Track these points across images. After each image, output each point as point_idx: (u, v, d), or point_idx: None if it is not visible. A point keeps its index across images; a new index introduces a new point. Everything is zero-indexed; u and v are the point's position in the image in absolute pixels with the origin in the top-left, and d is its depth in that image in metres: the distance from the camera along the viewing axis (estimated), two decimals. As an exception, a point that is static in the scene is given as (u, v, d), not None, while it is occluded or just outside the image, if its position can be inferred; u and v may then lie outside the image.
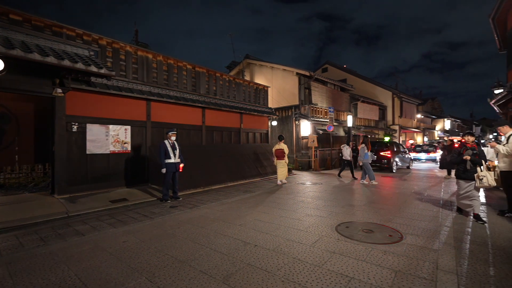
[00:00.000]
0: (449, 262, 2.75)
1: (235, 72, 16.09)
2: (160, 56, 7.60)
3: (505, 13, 9.20)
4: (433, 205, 5.33)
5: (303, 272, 2.56)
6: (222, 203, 5.61)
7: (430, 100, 34.77)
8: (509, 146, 4.18)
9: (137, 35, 15.69)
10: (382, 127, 21.54)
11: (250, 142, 10.86)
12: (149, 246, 3.27)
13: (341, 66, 24.82)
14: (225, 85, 9.86)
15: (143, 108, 7.04)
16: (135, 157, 6.84)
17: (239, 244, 3.30)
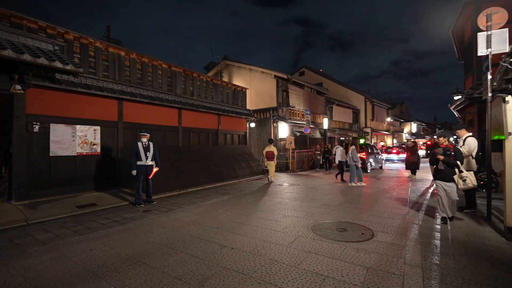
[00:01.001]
0: (415, 257, 2.91)
1: (213, 73, 15.91)
2: (134, 54, 7.30)
3: (463, 27, 10.08)
4: (401, 203, 5.65)
5: (280, 273, 2.57)
6: (199, 206, 5.48)
7: (399, 105, 37.00)
8: (466, 148, 4.55)
9: (109, 31, 14.92)
10: (356, 129, 22.50)
11: (228, 143, 10.78)
12: (119, 253, 3.09)
13: (317, 70, 25.58)
14: (203, 86, 9.71)
15: (115, 107, 6.70)
16: (105, 160, 6.47)
17: (215, 247, 3.24)
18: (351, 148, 8.17)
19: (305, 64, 25.53)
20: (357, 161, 8.09)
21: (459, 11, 9.14)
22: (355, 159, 8.04)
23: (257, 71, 14.26)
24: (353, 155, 8.05)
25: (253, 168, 10.56)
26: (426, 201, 5.83)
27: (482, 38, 4.28)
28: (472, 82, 9.27)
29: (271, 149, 9.03)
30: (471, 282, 2.38)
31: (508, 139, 3.52)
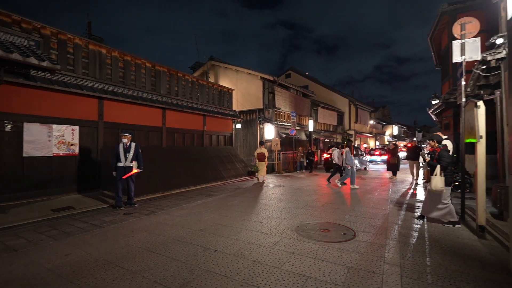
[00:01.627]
0: (394, 256, 3.00)
1: (199, 73, 15.74)
2: (116, 52, 7.08)
3: (440, 34, 10.58)
4: (382, 203, 5.81)
5: (262, 275, 2.56)
6: (182, 208, 5.38)
7: (381, 108, 38.25)
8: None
9: (90, 28, 14.38)
10: (340, 131, 23.00)
11: (214, 145, 10.68)
12: (97, 258, 2.97)
13: (303, 73, 25.95)
14: (188, 86, 9.57)
15: (95, 106, 6.46)
16: (84, 161, 6.22)
17: (198, 250, 3.19)
18: (345, 150, 8.16)
19: (291, 66, 25.84)
20: (349, 163, 8.04)
21: (437, 19, 9.60)
22: (347, 161, 8.02)
23: (244, 72, 14.26)
24: (347, 157, 8.04)
25: (239, 170, 10.52)
26: (405, 201, 6.04)
27: (457, 46, 4.51)
28: (448, 87, 9.74)
29: (262, 151, 9.46)
30: (445, 279, 2.48)
31: (479, 142, 3.72)
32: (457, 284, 2.39)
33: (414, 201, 6.13)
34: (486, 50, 4.34)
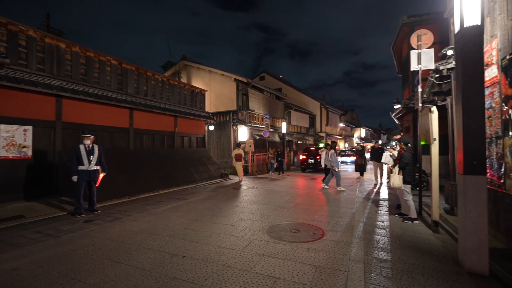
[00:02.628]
0: (358, 253, 3.14)
1: (170, 72, 15.24)
2: (77, 47, 6.58)
3: (401, 44, 11.42)
4: (350, 203, 6.08)
5: (232, 279, 2.52)
6: (150, 213, 5.13)
7: (350, 112, 40.24)
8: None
9: (48, 20, 13.22)
10: (312, 134, 23.73)
11: (186, 146, 10.39)
12: (50, 271, 2.70)
13: (277, 76, 26.39)
14: (158, 86, 9.21)
15: (52, 105, 5.93)
16: (38, 164, 5.67)
17: (165, 257, 3.05)
18: (331, 152, 8.18)
19: (265, 69, 26.14)
20: (335, 165, 8.08)
21: (398, 30, 10.35)
22: (332, 163, 8.05)
23: (217, 74, 14.10)
24: (332, 159, 8.07)
25: (212, 172, 10.35)
26: (370, 200, 6.37)
27: (414, 55, 4.88)
28: (408, 93, 10.52)
29: (240, 152, 10.28)
30: (404, 272, 2.65)
31: (433, 144, 4.04)
32: (414, 276, 2.56)
33: (378, 199, 6.49)
34: (439, 60, 4.76)
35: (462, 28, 2.74)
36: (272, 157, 13.45)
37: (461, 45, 2.77)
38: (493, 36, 3.54)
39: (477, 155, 2.66)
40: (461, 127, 2.75)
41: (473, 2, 2.69)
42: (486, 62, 3.62)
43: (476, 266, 2.59)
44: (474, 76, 2.69)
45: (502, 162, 3.31)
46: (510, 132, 3.12)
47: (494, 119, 3.51)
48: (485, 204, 2.61)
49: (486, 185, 2.63)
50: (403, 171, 4.62)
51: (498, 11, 3.41)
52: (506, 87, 3.19)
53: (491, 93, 3.58)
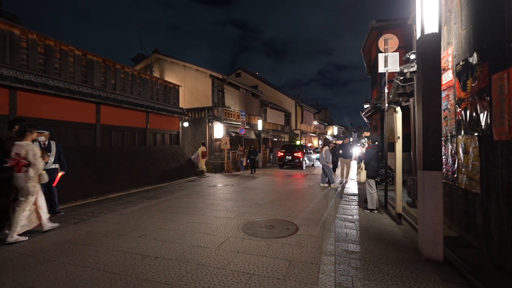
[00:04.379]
0: (329, 246, 3.28)
1: (141, 66, 14.54)
2: (34, 34, 5.99)
3: (370, 46, 12.02)
4: (323, 198, 6.31)
5: (206, 277, 2.50)
6: (120, 213, 4.89)
7: (324, 110, 41.62)
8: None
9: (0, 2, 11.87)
10: (287, 131, 24.18)
11: (159, 144, 10.02)
12: (4, 281, 2.46)
13: (253, 73, 26.41)
14: (128, 80, 8.74)
15: (5, 98, 5.36)
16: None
17: (136, 258, 2.93)
18: (324, 149, 8.18)
19: (241, 66, 26.04)
20: (329, 162, 8.11)
21: (368, 33, 10.87)
22: (327, 160, 8.07)
23: (192, 69, 13.75)
24: (326, 156, 8.09)
25: (186, 169, 10.12)
26: (341, 196, 6.68)
27: (381, 58, 5.17)
28: (376, 93, 11.14)
29: (204, 149, 11.42)
30: (370, 262, 2.82)
31: (397, 142, 4.33)
32: (379, 265, 2.74)
33: (348, 194, 6.83)
34: (404, 64, 5.09)
35: (422, 34, 2.95)
36: (242, 154, 12.60)
37: (422, 51, 2.99)
38: (449, 43, 3.87)
39: (434, 152, 2.90)
40: (421, 126, 2.98)
41: (432, 11, 2.91)
42: (443, 67, 3.95)
43: (433, 253, 2.85)
44: (432, 80, 2.93)
45: (455, 158, 3.65)
46: (462, 131, 3.45)
47: (449, 119, 3.85)
48: (441, 197, 2.86)
49: (442, 180, 2.89)
50: (367, 166, 5.00)
51: (454, 20, 3.73)
52: (459, 90, 3.51)
53: (447, 95, 3.92)
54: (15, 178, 3.55)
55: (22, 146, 3.55)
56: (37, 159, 3.62)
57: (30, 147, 3.61)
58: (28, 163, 3.55)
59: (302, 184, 8.71)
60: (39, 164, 3.63)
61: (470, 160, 3.24)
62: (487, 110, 2.84)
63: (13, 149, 3.54)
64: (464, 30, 3.39)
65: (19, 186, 3.56)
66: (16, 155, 3.51)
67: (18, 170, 3.52)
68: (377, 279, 2.47)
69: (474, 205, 3.19)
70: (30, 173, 3.56)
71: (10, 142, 3.71)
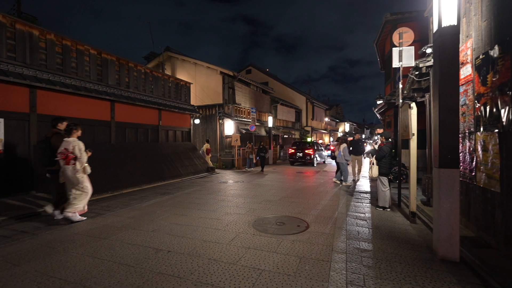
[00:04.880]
0: (341, 244, 3.26)
1: (154, 64, 14.79)
2: (52, 35, 6.20)
3: (384, 40, 11.69)
4: (334, 195, 6.25)
5: (217, 272, 2.54)
6: (134, 208, 5.04)
7: (335, 106, 40.96)
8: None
9: (19, 4, 12.35)
10: (298, 128, 24.01)
11: (171, 140, 10.19)
12: (27, 270, 2.60)
13: (264, 69, 26.29)
14: (141, 78, 8.91)
15: (25, 96, 5.60)
16: (12, 159, 5.36)
17: (150, 252, 3.02)
18: (342, 146, 7.94)
19: (251, 62, 25.95)
20: (349, 159, 7.92)
21: (381, 27, 10.57)
22: (346, 157, 7.85)
23: (203, 66, 13.84)
24: (345, 153, 7.85)
25: (198, 166, 10.26)
26: (353, 193, 6.59)
27: (396, 53, 5.02)
28: (390, 89, 10.85)
29: (208, 146, 11.51)
30: (383, 261, 2.78)
31: (412, 139, 4.22)
32: (392, 264, 2.70)
33: (360, 192, 6.73)
34: (419, 58, 4.93)
35: (440, 27, 2.85)
36: (250, 151, 12.41)
37: (439, 44, 2.88)
38: (468, 36, 3.70)
39: (451, 149, 2.81)
40: (438, 123, 2.89)
41: (450, 3, 2.80)
42: (461, 61, 3.80)
43: (448, 253, 2.77)
44: (450, 74, 2.82)
45: (474, 156, 3.52)
46: (481, 128, 3.31)
47: (467, 115, 3.71)
48: (458, 195, 2.77)
49: (459, 178, 2.80)
50: (380, 163, 4.92)
51: (473, 12, 3.56)
52: (479, 85, 3.37)
53: (465, 90, 3.77)
54: (64, 170, 4.05)
55: (69, 142, 4.05)
56: (82, 153, 4.14)
57: (76, 143, 4.11)
58: (75, 157, 4.05)
59: (313, 181, 8.65)
60: (84, 158, 4.15)
61: (489, 158, 3.12)
62: (508, 106, 2.72)
63: (62, 145, 4.04)
64: (485, 22, 3.24)
65: (67, 177, 4.06)
66: (65, 150, 4.00)
67: (66, 163, 4.02)
68: (389, 278, 2.43)
69: (493, 204, 3.07)
70: (77, 166, 4.08)
71: (55, 138, 4.19)
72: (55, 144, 4.12)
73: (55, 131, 4.34)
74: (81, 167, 4.13)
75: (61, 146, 4.04)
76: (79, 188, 4.14)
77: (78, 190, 4.14)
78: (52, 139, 4.20)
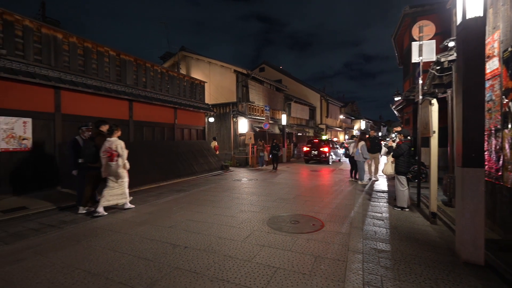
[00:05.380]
0: (357, 244, 3.20)
1: (169, 64, 15.09)
2: (74, 38, 6.48)
3: (403, 35, 11.27)
4: (350, 194, 6.15)
5: (233, 269, 2.58)
6: (152, 204, 5.19)
7: (350, 103, 40.07)
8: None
9: (44, 9, 12.98)
10: (312, 126, 23.71)
11: (186, 138, 10.39)
12: (54, 261, 2.75)
13: (277, 67, 26.12)
14: (157, 77, 9.13)
15: (50, 97, 5.90)
16: (39, 157, 5.68)
17: (167, 247, 3.11)
18: (361, 144, 7.71)
19: (265, 60, 25.86)
20: (368, 158, 7.75)
21: (400, 21, 10.19)
22: (365, 155, 7.66)
23: (217, 65, 13.97)
24: (363, 151, 7.65)
25: (212, 164, 10.39)
26: (369, 192, 6.44)
27: (415, 47, 4.84)
28: (409, 85, 10.46)
29: (215, 144, 11.77)
30: (401, 262, 2.71)
31: (432, 137, 4.06)
32: (411, 266, 2.63)
33: (377, 191, 6.56)
34: (440, 52, 4.72)
35: (464, 19, 2.71)
36: (261, 149, 12.11)
37: (463, 37, 2.74)
38: (496, 27, 3.50)
39: (476, 147, 2.68)
40: (461, 120, 2.76)
41: (477, -8, 2.65)
42: (487, 54, 3.60)
43: (472, 256, 2.66)
44: (475, 69, 2.68)
45: (500, 154, 3.33)
46: (509, 125, 3.13)
47: (494, 111, 3.52)
48: (483, 196, 2.65)
49: (484, 178, 2.67)
50: (398, 161, 4.76)
51: (502, 2, 3.36)
52: (507, 79, 3.18)
53: (491, 85, 3.57)
54: (108, 166, 4.48)
55: (112, 141, 4.50)
56: (124, 151, 4.59)
57: (118, 142, 4.56)
58: (118, 154, 4.51)
59: (327, 179, 8.54)
60: (125, 155, 4.61)
61: (518, 157, 2.94)
62: (540, 101, 2.55)
63: (105, 144, 4.48)
64: (515, 12, 3.05)
65: (112, 172, 4.52)
66: (108, 148, 4.44)
67: (111, 160, 4.46)
68: (408, 280, 2.37)
69: (522, 206, 2.90)
70: (120, 162, 4.55)
71: (99, 138, 4.65)
72: (99, 143, 4.56)
73: (98, 132, 4.81)
74: (122, 163, 4.58)
75: (104, 145, 4.47)
76: (119, 182, 4.60)
77: (117, 183, 4.59)
78: (96, 139, 4.65)
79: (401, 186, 4.71)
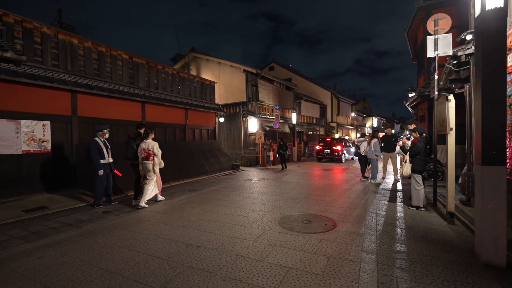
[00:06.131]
0: (371, 244, 3.14)
1: (180, 65, 15.30)
2: (89, 42, 6.69)
3: (416, 29, 10.93)
4: (363, 194, 6.03)
5: (245, 268, 2.59)
6: (164, 204, 5.29)
7: (362, 101, 39.26)
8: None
9: (60, 16, 13.43)
10: (323, 124, 23.43)
11: (197, 139, 10.52)
12: (73, 259, 2.86)
13: (287, 66, 25.97)
14: (168, 79, 9.28)
15: (67, 100, 6.11)
16: (57, 158, 5.91)
17: (180, 246, 3.16)
18: (373, 141, 7.54)
19: (274, 59, 25.78)
20: (379, 155, 7.63)
21: (413, 15, 9.89)
22: (377, 153, 7.51)
23: (226, 65, 14.04)
24: (376, 149, 7.49)
25: (223, 164, 10.47)
26: (383, 192, 6.30)
27: (430, 41, 4.68)
28: (423, 81, 10.15)
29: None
30: (418, 263, 2.63)
31: (449, 134, 3.92)
32: (428, 268, 2.55)
33: (391, 190, 6.41)
34: (457, 46, 4.54)
35: (483, 11, 2.59)
36: (268, 148, 11.87)
37: (482, 30, 2.63)
38: (518, 18, 3.33)
39: (497, 145, 2.56)
40: (480, 116, 2.65)
41: (496, -17, 2.53)
42: (509, 47, 3.43)
43: (493, 258, 2.55)
44: (496, 62, 2.56)
45: (523, 152, 3.18)
46: (533, 121, 2.98)
47: (516, 107, 3.35)
48: (504, 195, 2.53)
49: (505, 176, 2.55)
50: (413, 159, 4.62)
51: (524, -9, 3.19)
52: (530, 73, 3.02)
53: (513, 79, 3.40)
54: (145, 164, 5.05)
55: (148, 143, 5.07)
56: (158, 151, 5.13)
57: (154, 143, 5.11)
58: (153, 154, 5.05)
59: (340, 178, 8.42)
60: (159, 155, 5.13)
61: (543, 154, 2.79)
62: None
63: (142, 146, 5.05)
64: (538, 1, 2.89)
65: (147, 169, 5.05)
66: (146, 149, 5.02)
67: (147, 159, 5.02)
68: (425, 282, 2.30)
69: (547, 205, 2.76)
70: (155, 161, 5.07)
71: (139, 139, 5.25)
72: (138, 144, 5.14)
73: (136, 133, 5.44)
74: (158, 161, 5.10)
75: (140, 147, 5.05)
76: (153, 178, 5.10)
77: (153, 179, 5.09)
78: (137, 139, 5.26)
79: (417, 185, 4.58)
